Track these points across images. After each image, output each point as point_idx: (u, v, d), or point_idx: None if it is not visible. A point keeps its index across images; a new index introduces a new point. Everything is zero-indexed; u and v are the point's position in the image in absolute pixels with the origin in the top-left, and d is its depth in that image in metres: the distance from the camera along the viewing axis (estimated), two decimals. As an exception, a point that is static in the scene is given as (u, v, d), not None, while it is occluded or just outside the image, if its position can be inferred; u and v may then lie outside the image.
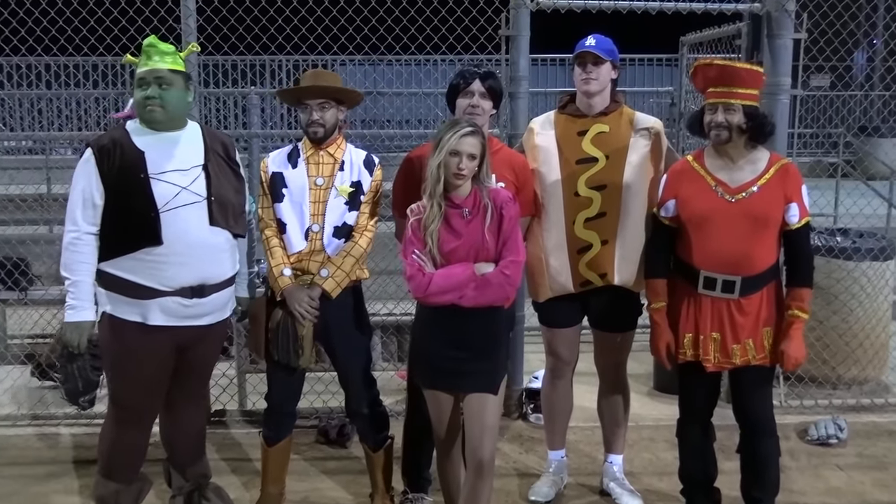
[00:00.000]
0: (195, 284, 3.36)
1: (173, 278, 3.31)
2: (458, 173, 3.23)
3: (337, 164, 3.67)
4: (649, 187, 3.72)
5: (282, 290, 3.61)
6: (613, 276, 3.74)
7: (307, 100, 3.64)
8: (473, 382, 3.33)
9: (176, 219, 3.29)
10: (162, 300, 3.32)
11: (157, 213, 3.26)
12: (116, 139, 3.33)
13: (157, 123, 3.37)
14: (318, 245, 3.61)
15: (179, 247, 3.30)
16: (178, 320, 3.37)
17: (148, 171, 3.28)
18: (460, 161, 3.22)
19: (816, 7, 5.17)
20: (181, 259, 3.31)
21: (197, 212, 3.34)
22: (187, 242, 3.31)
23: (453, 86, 3.69)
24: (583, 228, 3.72)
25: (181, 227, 3.29)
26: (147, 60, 3.35)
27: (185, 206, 3.31)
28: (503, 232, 3.27)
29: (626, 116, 3.78)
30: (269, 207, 3.67)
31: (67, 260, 3.31)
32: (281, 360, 3.64)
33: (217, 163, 3.46)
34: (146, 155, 3.31)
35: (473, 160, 3.24)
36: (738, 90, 3.41)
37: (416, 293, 3.27)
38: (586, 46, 3.69)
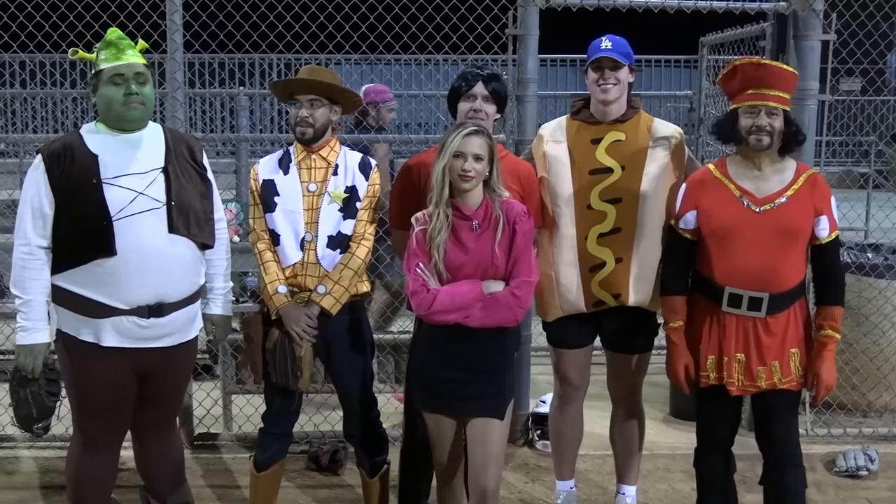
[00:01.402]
0: (153, 302, 3.27)
1: (128, 294, 3.23)
2: (464, 175, 3.22)
3: (330, 167, 3.67)
4: (667, 200, 3.72)
5: (277, 309, 3.61)
6: (628, 296, 3.73)
7: (298, 94, 3.64)
8: (477, 406, 3.33)
9: (130, 227, 3.21)
10: (116, 319, 3.25)
11: (110, 221, 3.19)
12: (68, 143, 3.27)
13: (135, 123, 3.33)
14: (312, 256, 3.61)
15: (134, 258, 3.21)
16: (135, 342, 3.29)
17: (101, 175, 3.22)
18: (465, 162, 3.22)
19: (846, 6, 5.17)
20: (136, 272, 3.22)
21: (154, 219, 3.27)
22: (143, 253, 3.23)
23: (454, 89, 3.70)
24: (596, 245, 3.72)
25: (136, 237, 3.22)
26: (119, 54, 3.28)
27: (142, 214, 3.24)
28: (515, 248, 3.27)
29: (643, 123, 3.78)
30: (260, 218, 3.67)
31: (18, 277, 3.25)
32: (279, 382, 3.64)
33: (180, 165, 3.39)
34: (100, 158, 3.24)
35: (480, 161, 3.24)
36: (778, 93, 3.41)
37: (419, 310, 3.27)
38: (602, 50, 3.68)
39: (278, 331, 3.62)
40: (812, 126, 4.80)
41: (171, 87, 4.66)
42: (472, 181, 3.25)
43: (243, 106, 8.41)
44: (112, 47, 3.30)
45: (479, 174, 3.26)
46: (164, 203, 3.30)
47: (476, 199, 3.31)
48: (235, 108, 8.88)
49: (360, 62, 10.27)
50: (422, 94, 8.37)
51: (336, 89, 3.70)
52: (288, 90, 3.71)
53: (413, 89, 9.24)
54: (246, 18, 5.26)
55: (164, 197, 3.30)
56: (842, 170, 8.45)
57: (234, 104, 9.06)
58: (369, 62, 10.32)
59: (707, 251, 3.49)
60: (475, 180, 3.26)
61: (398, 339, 4.96)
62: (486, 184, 3.30)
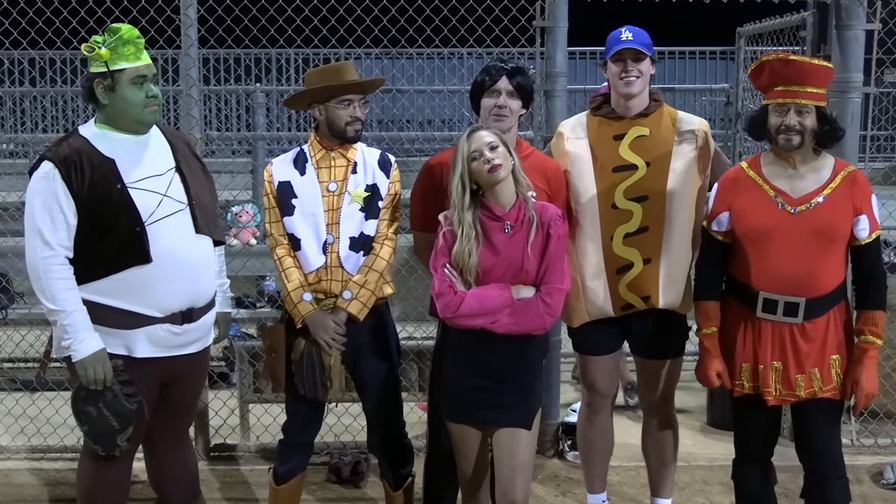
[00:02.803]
0: (185, 308, 3.33)
1: (162, 301, 3.28)
2: (492, 167, 3.25)
3: (349, 165, 3.71)
4: (697, 197, 3.74)
5: (303, 318, 3.64)
6: (658, 298, 3.75)
7: (351, 94, 3.64)
8: (504, 416, 3.35)
9: (162, 231, 3.26)
10: (150, 329, 3.29)
11: (143, 227, 3.23)
12: (78, 148, 3.25)
13: (149, 126, 3.38)
14: (334, 259, 3.64)
15: (168, 263, 3.26)
16: (167, 350, 3.34)
17: (124, 180, 3.24)
18: (483, 155, 3.26)
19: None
20: (170, 277, 3.27)
21: (181, 221, 3.32)
22: (175, 257, 3.28)
23: (478, 83, 3.71)
24: (622, 245, 3.73)
25: (168, 240, 3.27)
26: (139, 54, 3.31)
27: (170, 216, 3.29)
28: (548, 254, 3.29)
29: (667, 117, 3.80)
30: (277, 222, 3.70)
31: (52, 289, 3.20)
32: (308, 394, 3.67)
33: (187, 163, 3.44)
34: (117, 162, 3.26)
35: (497, 149, 3.27)
36: (810, 89, 3.40)
37: (445, 313, 3.29)
38: (623, 42, 3.70)
39: (304, 340, 3.65)
40: (856, 120, 4.78)
41: (186, 84, 4.72)
42: (500, 169, 3.26)
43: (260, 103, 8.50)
44: (131, 45, 3.30)
45: (505, 160, 3.28)
46: (187, 203, 3.36)
47: (509, 197, 3.33)
48: (252, 106, 8.96)
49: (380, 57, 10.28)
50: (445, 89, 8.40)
51: (379, 86, 3.78)
52: (327, 93, 3.66)
53: (436, 84, 9.25)
54: (263, 12, 5.31)
55: (184, 197, 3.36)
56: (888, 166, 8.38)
57: (251, 101, 9.14)
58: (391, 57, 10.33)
59: (741, 254, 3.50)
60: (503, 168, 3.27)
61: (422, 346, 4.98)
62: (517, 181, 3.33)
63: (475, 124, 3.42)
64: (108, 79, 3.30)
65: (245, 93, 10.13)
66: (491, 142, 3.28)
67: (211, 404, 4.92)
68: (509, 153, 3.32)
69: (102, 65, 3.29)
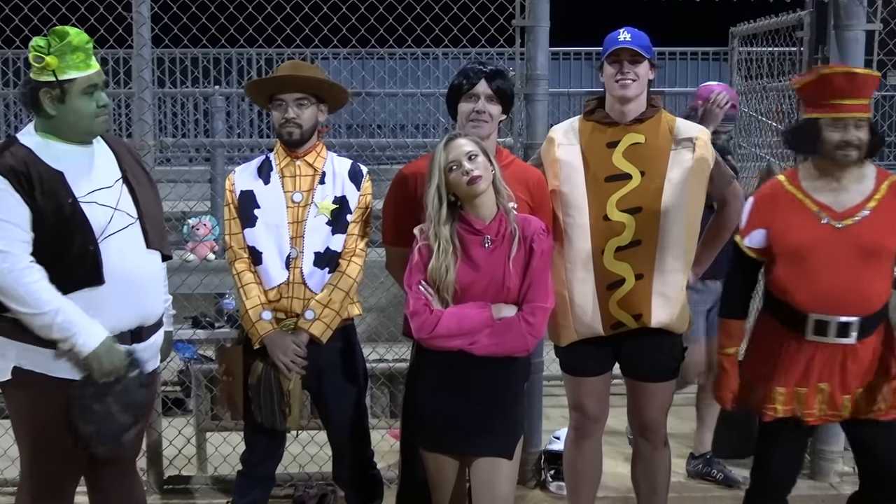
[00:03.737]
0: (134, 327, 3.29)
1: (112, 321, 3.22)
2: (471, 178, 3.24)
3: (317, 175, 3.70)
4: (694, 210, 3.75)
5: (261, 338, 3.61)
6: (650, 316, 3.74)
7: (283, 94, 3.66)
8: (484, 444, 3.34)
9: (114, 248, 3.21)
10: None
11: (97, 245, 3.18)
12: (23, 158, 3.16)
13: (97, 136, 3.34)
14: (297, 276, 3.63)
15: (119, 281, 3.21)
16: None
17: (74, 194, 3.18)
18: (462, 166, 3.25)
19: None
20: (121, 296, 3.22)
21: (132, 236, 3.28)
22: (127, 274, 3.23)
23: (454, 87, 3.72)
24: (613, 259, 3.73)
25: (120, 257, 3.22)
26: (89, 60, 3.25)
27: (121, 231, 3.25)
28: (531, 270, 3.29)
29: (665, 124, 3.80)
30: (238, 234, 3.69)
31: (27, 294, 3.10)
32: (265, 422, 3.64)
33: (133, 172, 3.40)
34: (66, 175, 3.19)
35: (476, 158, 3.26)
36: (864, 101, 3.43)
37: (420, 333, 3.28)
38: (621, 42, 3.72)
39: (262, 363, 3.63)
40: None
41: (138, 86, 4.68)
42: (480, 181, 3.26)
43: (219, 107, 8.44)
44: (80, 52, 3.23)
45: (485, 171, 3.27)
46: (137, 216, 3.31)
47: (489, 210, 3.32)
48: (210, 110, 8.90)
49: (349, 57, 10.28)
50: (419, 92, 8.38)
51: (325, 85, 3.72)
52: (268, 90, 3.72)
53: (409, 87, 9.25)
54: (221, 10, 5.28)
55: (134, 210, 3.32)
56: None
57: (209, 105, 9.07)
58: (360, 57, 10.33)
59: (783, 273, 3.50)
60: (483, 179, 3.26)
61: (394, 369, 4.95)
62: (497, 191, 3.33)
63: (452, 131, 3.41)
64: (56, 89, 3.22)
65: (203, 96, 10.07)
66: (470, 151, 3.27)
67: (165, 433, 4.87)
68: (490, 162, 3.31)
69: (50, 74, 3.21)
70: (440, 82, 8.80)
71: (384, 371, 4.97)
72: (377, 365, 5.00)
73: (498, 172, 3.33)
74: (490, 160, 3.32)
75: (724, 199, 3.90)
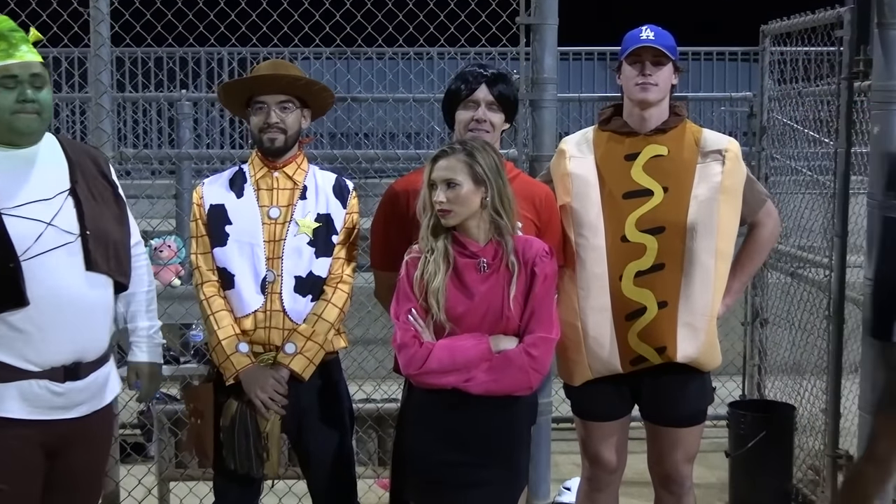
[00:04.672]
0: (69, 362, 3.27)
1: (41, 353, 3.21)
2: (439, 210, 3.27)
3: (297, 189, 3.71)
4: (724, 230, 3.74)
5: (236, 373, 3.60)
6: (675, 350, 3.74)
7: (264, 95, 3.66)
8: (483, 497, 3.32)
9: (43, 268, 3.20)
10: (24, 384, 3.21)
11: (18, 263, 3.17)
12: None
13: (30, 136, 3.31)
14: (276, 302, 3.63)
15: (50, 307, 3.19)
16: (45, 412, 3.26)
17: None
18: (436, 193, 3.27)
19: (943, -14, 5.20)
20: (52, 324, 3.20)
21: (68, 256, 3.26)
22: (60, 300, 3.21)
23: (452, 92, 3.72)
24: (633, 286, 3.73)
25: (50, 279, 3.21)
26: (11, 50, 3.24)
27: (54, 251, 3.23)
28: (533, 297, 3.29)
29: (690, 135, 3.81)
30: (206, 253, 3.68)
31: None
32: (240, 468, 3.62)
33: (89, 184, 3.38)
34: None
35: (455, 188, 3.26)
36: None
37: (408, 369, 3.28)
38: (643, 40, 3.73)
39: (237, 401, 3.61)
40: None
41: (96, 90, 4.67)
42: (448, 216, 3.27)
43: (186, 114, 8.45)
44: (2, 41, 3.24)
45: (458, 204, 3.27)
46: (79, 234, 3.29)
47: (482, 232, 3.32)
48: (176, 118, 8.91)
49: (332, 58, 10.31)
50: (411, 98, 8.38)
51: (315, 87, 3.73)
52: (246, 93, 3.71)
53: (400, 92, 9.27)
54: (190, 5, 5.27)
55: (76, 227, 3.29)
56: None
57: (175, 112, 9.09)
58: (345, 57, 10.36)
59: None
60: (453, 214, 3.27)
61: (383, 410, 4.94)
62: (496, 223, 3.31)
63: (448, 145, 3.41)
64: None
65: (168, 101, 10.09)
66: (450, 179, 3.27)
67: (123, 482, 4.84)
68: (489, 187, 3.29)
69: None
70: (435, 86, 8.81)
71: (372, 412, 4.95)
72: (364, 405, 4.98)
73: (495, 197, 3.30)
74: (489, 182, 3.29)
75: (758, 219, 3.90)
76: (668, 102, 3.80)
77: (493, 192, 3.30)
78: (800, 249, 5.71)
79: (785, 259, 5.84)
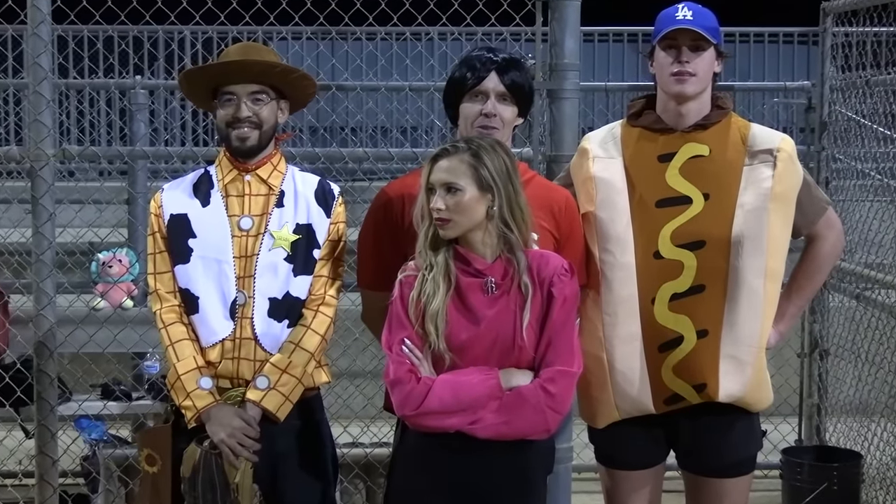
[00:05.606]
0: None
1: None
2: (437, 218, 3.27)
3: (273, 195, 3.72)
4: (776, 245, 3.74)
5: (199, 413, 3.61)
6: (717, 387, 3.74)
7: (232, 85, 3.67)
8: (490, 559, 3.33)
9: None
10: None
11: None
12: None
13: None
14: (247, 329, 3.64)
15: None
16: None
17: None
18: (435, 199, 3.27)
19: None
20: None
21: None
22: None
23: (456, 81, 3.72)
24: (668, 311, 3.73)
25: None
26: None
27: None
28: (551, 323, 3.29)
29: (735, 131, 3.81)
30: (166, 272, 3.69)
31: None
32: None
33: None
34: None
35: (456, 194, 3.27)
36: None
37: (404, 409, 3.28)
38: (679, 21, 3.72)
39: (199, 447, 3.61)
40: None
41: (35, 76, 4.69)
42: (446, 226, 3.27)
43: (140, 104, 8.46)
44: None
45: (458, 213, 3.27)
46: None
47: (489, 247, 3.33)
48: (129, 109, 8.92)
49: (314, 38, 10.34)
50: (407, 87, 8.42)
51: (293, 75, 3.74)
52: (211, 82, 3.72)
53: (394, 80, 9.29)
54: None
55: None
56: None
57: (127, 102, 9.11)
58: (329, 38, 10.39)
59: None
60: (452, 224, 3.27)
61: (372, 456, 4.95)
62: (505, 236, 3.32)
63: (449, 142, 3.41)
64: None
65: (119, 89, 10.10)
66: (451, 184, 3.27)
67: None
68: (495, 195, 3.29)
69: None
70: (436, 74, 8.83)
71: (359, 459, 4.96)
72: (350, 451, 5.00)
73: (504, 205, 3.30)
74: (497, 189, 3.30)
75: (816, 231, 3.91)
76: (709, 94, 3.80)
77: (502, 200, 3.30)
78: (867, 267, 5.71)
79: (849, 279, 5.84)
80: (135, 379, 5.65)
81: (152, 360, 5.46)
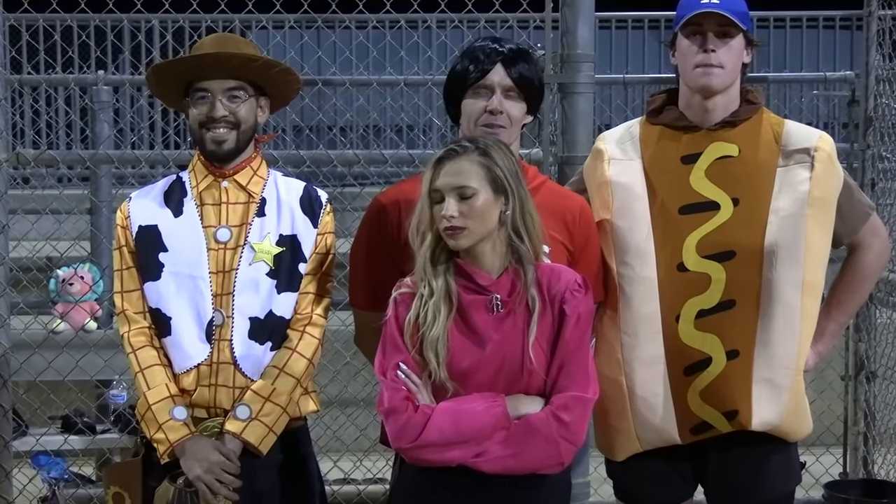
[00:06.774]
0: None
1: None
2: (448, 227, 3.26)
3: (253, 203, 3.74)
4: (815, 255, 3.76)
5: (171, 447, 3.62)
6: (750, 415, 3.74)
7: (206, 81, 3.69)
8: None
9: None
10: None
11: None
12: None
13: None
14: (225, 353, 3.65)
15: None
16: None
17: None
18: (443, 206, 3.26)
19: None
20: None
21: None
22: None
23: (458, 74, 3.73)
24: (694, 330, 3.75)
25: None
26: None
27: None
28: (563, 344, 3.30)
29: (768, 129, 3.83)
30: (134, 290, 3.71)
31: None
32: None
33: None
34: None
35: (469, 200, 3.26)
36: None
37: (401, 441, 3.29)
38: (704, 5, 3.73)
39: (173, 484, 3.62)
40: None
41: (-16, 73, 4.72)
42: (460, 235, 3.27)
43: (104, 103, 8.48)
44: None
45: (473, 219, 3.26)
46: None
47: (497, 259, 3.34)
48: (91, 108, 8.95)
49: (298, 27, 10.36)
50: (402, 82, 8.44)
51: (273, 69, 3.76)
52: (183, 77, 3.74)
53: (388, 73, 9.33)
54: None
55: None
56: None
57: (89, 100, 9.13)
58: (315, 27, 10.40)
59: None
60: (466, 233, 3.27)
61: (365, 493, 4.96)
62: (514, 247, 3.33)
63: (455, 142, 3.42)
64: None
65: (80, 86, 10.12)
66: (462, 187, 3.27)
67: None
68: (508, 199, 3.30)
69: None
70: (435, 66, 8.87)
71: (351, 497, 4.97)
72: (341, 488, 5.01)
73: (521, 211, 3.32)
74: (511, 191, 3.31)
75: (860, 240, 3.93)
76: (738, 87, 3.82)
77: (515, 203, 3.31)
78: (918, 279, 5.72)
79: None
80: (99, 410, 5.65)
81: (119, 388, 5.46)
